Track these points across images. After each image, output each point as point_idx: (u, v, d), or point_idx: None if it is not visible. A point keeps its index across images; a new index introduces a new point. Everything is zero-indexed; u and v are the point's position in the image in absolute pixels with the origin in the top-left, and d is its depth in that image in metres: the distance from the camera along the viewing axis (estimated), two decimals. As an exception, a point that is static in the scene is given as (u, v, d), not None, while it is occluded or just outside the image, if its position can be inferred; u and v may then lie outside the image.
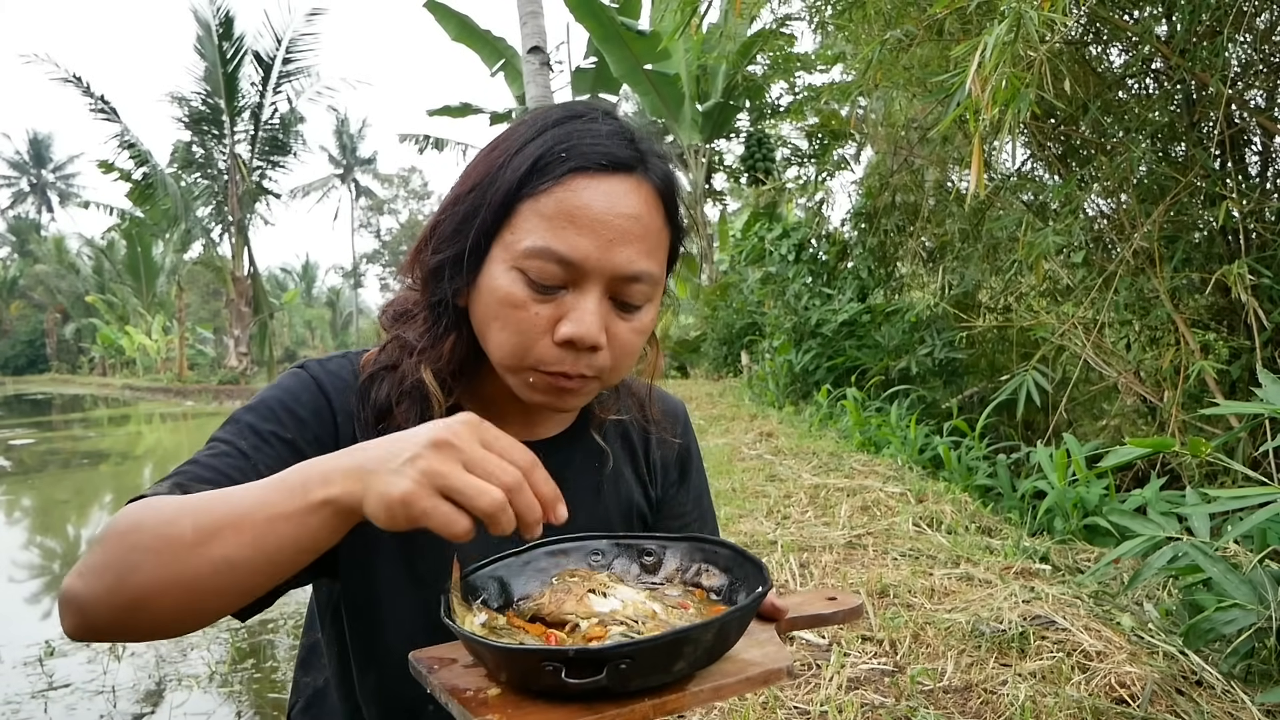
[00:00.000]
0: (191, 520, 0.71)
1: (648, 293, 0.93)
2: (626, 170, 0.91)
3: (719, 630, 0.71)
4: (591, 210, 0.88)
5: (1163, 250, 4.36)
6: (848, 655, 2.41)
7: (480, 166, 0.95)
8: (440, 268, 0.95)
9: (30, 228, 58.05)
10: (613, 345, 0.92)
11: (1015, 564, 3.05)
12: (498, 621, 0.79)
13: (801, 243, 9.21)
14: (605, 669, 0.64)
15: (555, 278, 0.88)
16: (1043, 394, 4.66)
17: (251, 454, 0.89)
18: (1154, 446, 2.55)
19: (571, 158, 0.89)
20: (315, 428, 0.96)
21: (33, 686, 3.84)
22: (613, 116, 0.96)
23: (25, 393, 35.56)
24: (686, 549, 0.93)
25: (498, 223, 0.91)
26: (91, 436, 16.34)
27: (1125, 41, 4.82)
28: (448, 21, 14.62)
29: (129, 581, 0.70)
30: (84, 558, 0.74)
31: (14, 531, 7.80)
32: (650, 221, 0.92)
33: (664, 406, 1.22)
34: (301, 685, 1.17)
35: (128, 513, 0.75)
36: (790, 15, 8.51)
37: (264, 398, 0.97)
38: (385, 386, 0.98)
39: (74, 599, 0.72)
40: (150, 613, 0.71)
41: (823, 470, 4.98)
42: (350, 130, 54.71)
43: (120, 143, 22.59)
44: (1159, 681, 2.13)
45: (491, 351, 0.94)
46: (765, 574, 0.81)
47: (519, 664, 0.68)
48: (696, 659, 0.70)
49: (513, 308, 0.89)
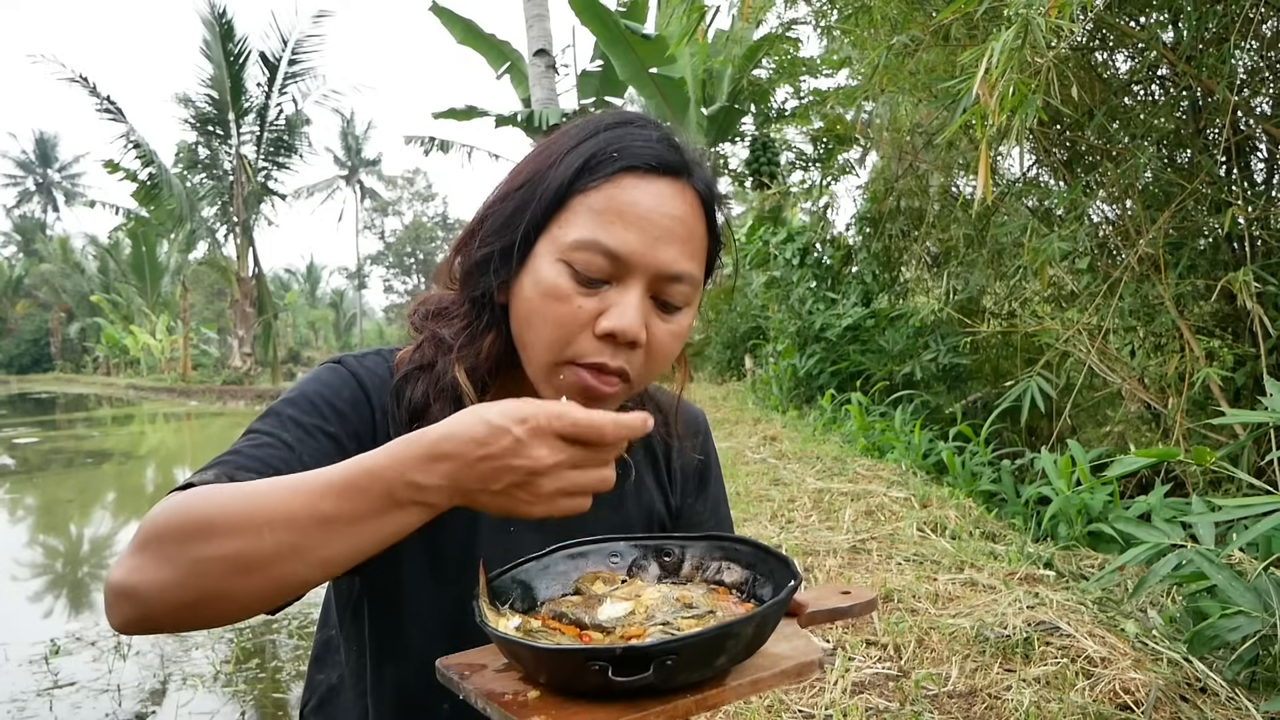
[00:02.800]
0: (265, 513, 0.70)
1: (688, 295, 0.95)
2: (674, 174, 0.93)
3: (759, 624, 0.71)
4: (640, 207, 0.90)
5: (1168, 257, 4.36)
6: (852, 659, 2.41)
7: (531, 165, 0.96)
8: (486, 261, 0.96)
9: (36, 227, 58.17)
10: (650, 345, 0.93)
11: (1019, 570, 3.06)
12: (532, 624, 0.79)
13: (806, 247, 9.21)
14: (651, 665, 0.64)
15: (601, 271, 0.89)
16: (1047, 400, 4.66)
17: (296, 446, 0.90)
18: (1159, 456, 2.55)
19: (623, 157, 0.91)
20: (355, 422, 0.97)
21: (38, 685, 3.85)
22: (660, 126, 0.98)
23: (29, 392, 35.62)
24: (705, 547, 0.94)
25: (547, 217, 0.92)
26: (95, 436, 16.37)
27: (1131, 48, 4.83)
28: (453, 25, 14.62)
29: (198, 577, 0.70)
30: (139, 550, 0.71)
31: (18, 530, 7.82)
32: (694, 225, 0.94)
33: (686, 417, 1.23)
34: (315, 682, 1.18)
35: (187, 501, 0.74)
36: (796, 20, 8.46)
37: (303, 390, 0.97)
38: (420, 386, 0.98)
39: (131, 593, 0.70)
40: (217, 608, 0.71)
41: (826, 475, 4.98)
42: (355, 132, 54.82)
43: (126, 143, 22.64)
44: (1163, 688, 2.14)
45: (530, 345, 0.94)
46: (793, 567, 0.81)
47: (564, 664, 0.68)
48: (737, 653, 0.71)
49: (556, 300, 0.90)
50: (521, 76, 14.59)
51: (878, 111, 8.04)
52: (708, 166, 1.01)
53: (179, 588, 0.69)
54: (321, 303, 61.88)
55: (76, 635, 4.51)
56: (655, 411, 1.20)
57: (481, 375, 0.98)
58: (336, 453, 0.93)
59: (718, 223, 1.01)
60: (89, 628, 4.64)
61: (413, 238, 59.19)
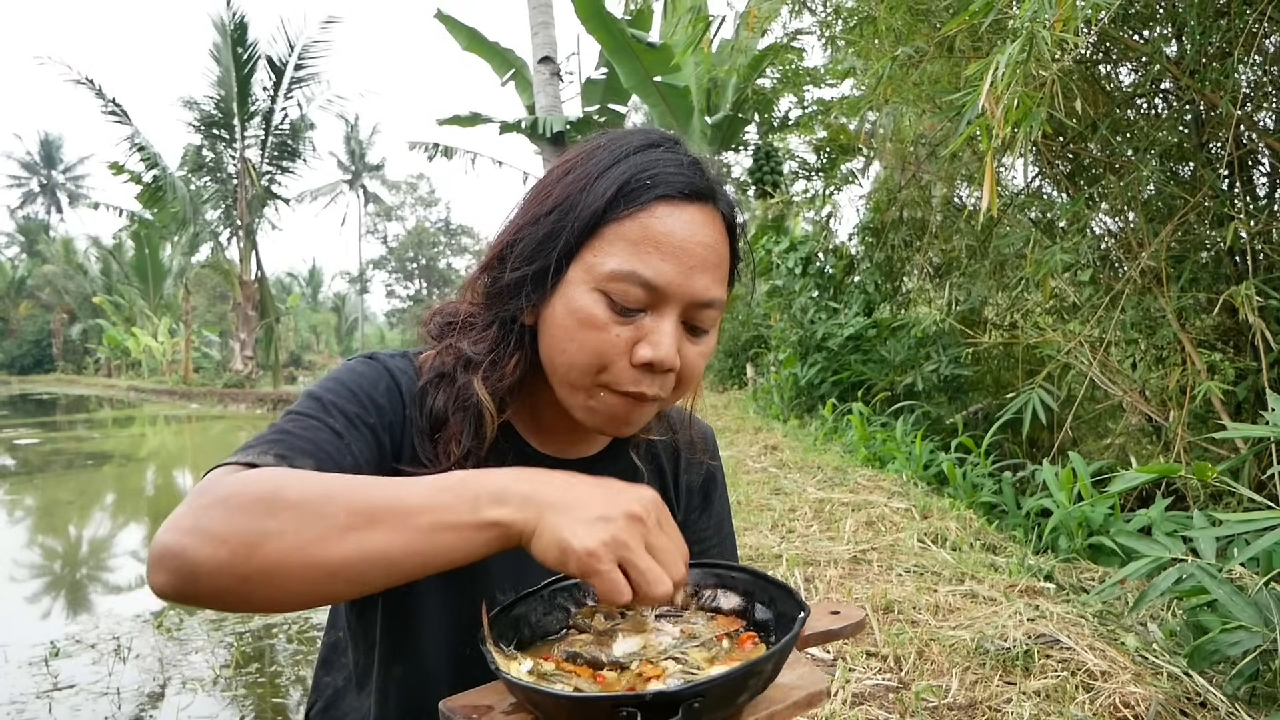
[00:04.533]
0: (346, 502, 0.70)
1: (715, 318, 0.97)
2: (703, 200, 0.95)
3: (777, 660, 0.72)
4: (675, 237, 0.91)
5: (1170, 270, 4.37)
6: (852, 671, 2.41)
7: (560, 189, 0.96)
8: (518, 284, 0.97)
9: (39, 228, 58.20)
10: (681, 369, 0.95)
11: (1020, 582, 3.06)
12: (544, 667, 0.79)
13: (808, 256, 9.22)
14: (680, 709, 0.65)
15: (637, 301, 0.91)
16: (1048, 412, 4.66)
17: (345, 434, 0.90)
18: (1160, 472, 2.56)
19: (656, 185, 0.92)
20: (390, 415, 0.98)
21: (38, 687, 3.85)
22: (686, 148, 0.99)
23: (31, 392, 35.63)
24: (700, 574, 0.94)
25: (580, 244, 0.93)
26: (96, 438, 16.37)
27: (1135, 61, 4.84)
28: (458, 32, 14.66)
29: (261, 551, 0.68)
30: (195, 515, 0.70)
31: (18, 531, 7.82)
32: (722, 250, 0.96)
33: (696, 432, 1.24)
34: (322, 685, 1.18)
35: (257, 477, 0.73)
36: (801, 30, 8.50)
37: (342, 380, 0.98)
38: (441, 397, 0.99)
39: (180, 558, 0.68)
40: (272, 587, 0.69)
41: (827, 484, 4.98)
42: (359, 136, 54.92)
43: (131, 145, 22.70)
44: (1163, 703, 2.14)
45: (560, 370, 0.95)
46: (797, 597, 0.82)
47: (589, 712, 0.67)
48: (756, 689, 0.72)
49: (594, 329, 0.91)
50: (526, 84, 14.64)
51: (881, 122, 8.06)
52: (730, 187, 1.03)
53: (232, 559, 0.68)
54: (324, 307, 61.92)
55: (76, 638, 4.50)
56: (666, 427, 1.21)
57: (503, 394, 1.00)
58: (376, 445, 0.95)
59: (739, 241, 1.03)
60: (89, 630, 4.64)
61: (415, 243, 59.24)
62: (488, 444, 0.99)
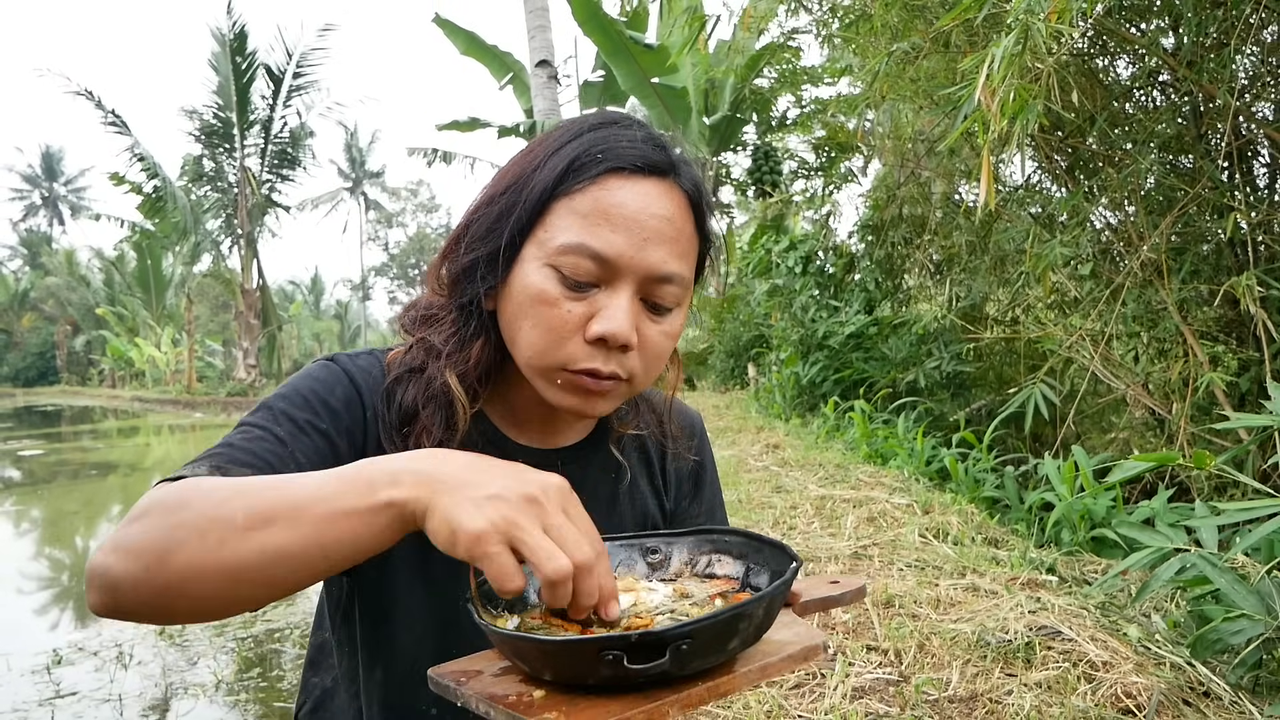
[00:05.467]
0: (244, 504, 0.69)
1: (678, 295, 0.94)
2: (660, 174, 0.92)
3: (768, 605, 0.70)
4: (626, 209, 0.89)
5: (1170, 262, 4.35)
6: (852, 664, 2.40)
7: (515, 168, 0.95)
8: (472, 267, 0.95)
9: (42, 241, 58.37)
10: (642, 347, 0.92)
11: (1022, 575, 3.04)
12: (531, 623, 0.78)
13: (808, 255, 9.21)
14: (667, 651, 0.63)
15: (589, 274, 0.88)
16: (1050, 406, 4.65)
17: (289, 441, 0.89)
18: (1159, 460, 2.55)
19: (608, 158, 0.90)
20: (348, 420, 0.96)
21: (40, 694, 3.84)
22: (646, 126, 0.97)
23: (35, 404, 35.68)
24: (694, 542, 0.92)
25: (532, 221, 0.91)
26: (100, 448, 16.38)
27: (1132, 54, 4.83)
28: (456, 36, 14.70)
29: (169, 563, 0.67)
30: (119, 532, 0.70)
31: (23, 541, 7.82)
32: (682, 225, 0.93)
33: (681, 419, 1.22)
34: (310, 685, 1.17)
35: (171, 490, 0.72)
36: (798, 29, 8.49)
37: (296, 387, 0.96)
38: (411, 390, 0.97)
39: (105, 576, 0.68)
40: (187, 598, 0.69)
41: (829, 481, 4.96)
42: (359, 144, 55.03)
43: (131, 155, 22.76)
44: (1165, 692, 2.12)
45: (520, 351, 0.93)
46: (789, 551, 0.80)
47: (575, 657, 0.66)
48: (748, 636, 0.70)
49: (545, 305, 0.89)
50: (524, 87, 14.66)
51: (879, 119, 8.06)
52: (695, 166, 1.00)
53: (146, 572, 0.68)
54: (326, 314, 62.00)
55: (79, 645, 4.50)
56: (649, 413, 1.19)
57: (472, 382, 0.97)
58: (329, 449, 0.93)
59: (707, 222, 1.00)
60: (91, 638, 4.63)
61: (417, 249, 59.33)
62: (460, 435, 0.97)
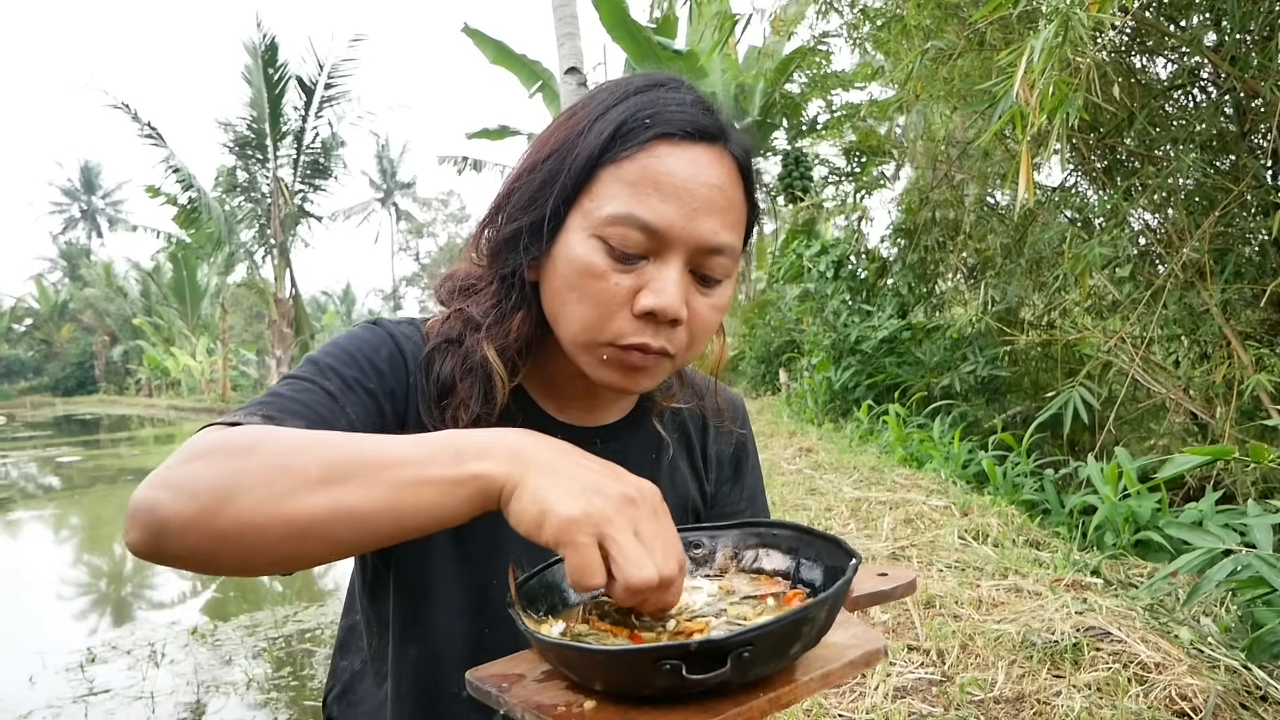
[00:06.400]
0: (319, 456, 0.66)
1: (728, 267, 0.90)
2: (710, 140, 0.88)
3: (830, 606, 0.66)
4: (676, 177, 0.85)
5: (1212, 264, 4.25)
6: (893, 664, 2.35)
7: (559, 133, 0.91)
8: (514, 237, 0.91)
9: (80, 253, 59.31)
10: (691, 321, 0.88)
11: (1066, 576, 2.97)
12: (578, 628, 0.74)
13: (840, 259, 9.14)
14: (728, 660, 0.59)
15: (637, 246, 0.84)
16: (1089, 410, 4.56)
17: (339, 396, 0.86)
18: (1213, 454, 2.48)
19: (656, 124, 0.86)
20: (392, 382, 0.93)
21: (74, 692, 3.87)
22: (694, 89, 0.93)
23: (74, 413, 36.25)
24: (739, 535, 0.87)
25: (577, 189, 0.87)
26: (137, 455, 16.60)
27: (1172, 50, 4.74)
28: (485, 45, 14.78)
29: (229, 508, 0.64)
30: (173, 469, 0.67)
31: (62, 546, 7.92)
32: (733, 194, 0.89)
33: (723, 401, 1.18)
34: (339, 669, 1.15)
35: (235, 433, 0.69)
36: (828, 33, 8.46)
37: (342, 345, 0.94)
38: (449, 363, 0.94)
39: (153, 513, 0.65)
40: (241, 547, 0.65)
41: (864, 484, 4.90)
42: (390, 155, 55.52)
43: (167, 167, 23.06)
44: (1221, 694, 2.05)
45: (565, 327, 0.89)
46: (845, 545, 0.75)
47: (630, 667, 0.61)
48: (810, 639, 0.66)
49: (592, 278, 0.85)
50: (553, 95, 14.70)
51: (912, 122, 7.99)
52: (744, 131, 0.96)
53: (200, 514, 0.64)
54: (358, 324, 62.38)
55: (112, 644, 4.53)
56: (691, 395, 1.15)
57: (511, 355, 0.94)
58: (375, 409, 0.91)
59: (754, 189, 0.96)
60: (124, 637, 4.66)
61: (447, 259, 59.66)
62: (499, 409, 0.93)
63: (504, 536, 0.95)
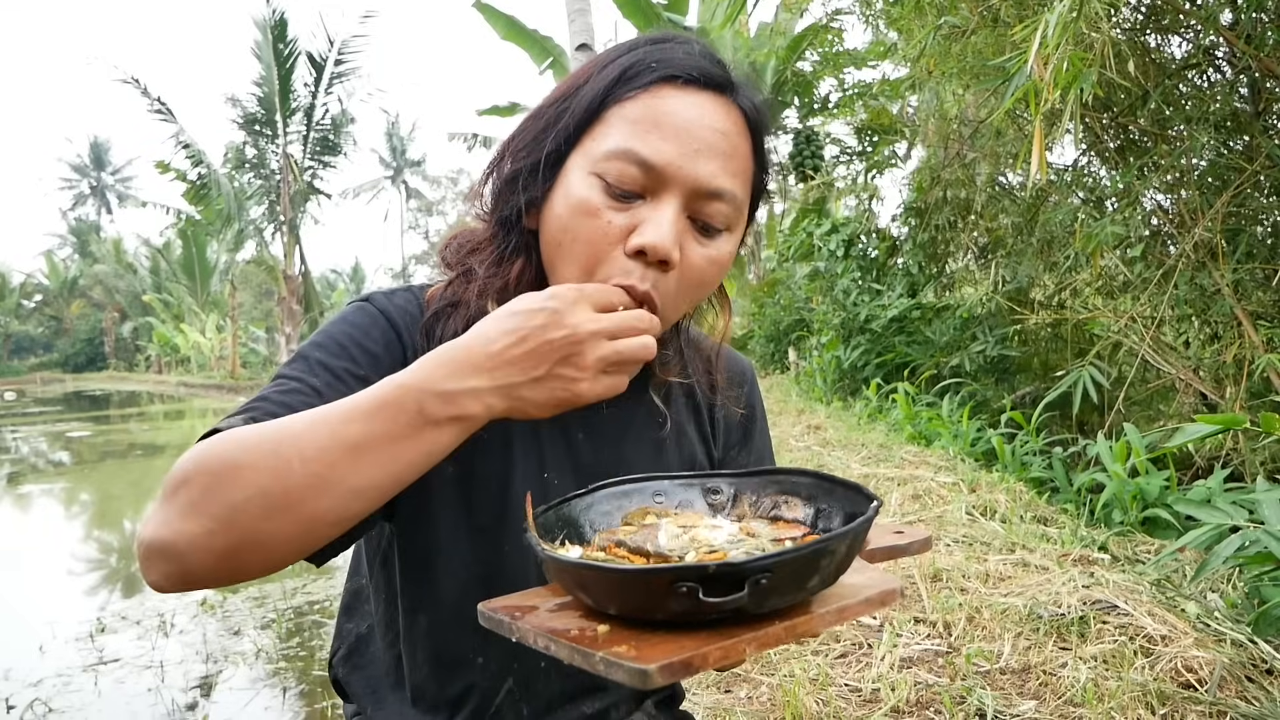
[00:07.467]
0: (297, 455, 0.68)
1: (729, 216, 0.88)
2: (717, 89, 0.88)
3: (851, 542, 0.66)
4: (678, 117, 0.84)
5: (1225, 244, 4.23)
6: (900, 636, 2.36)
7: (566, 83, 0.92)
8: (514, 178, 0.91)
9: (90, 229, 59.46)
10: (684, 270, 0.86)
11: (1073, 551, 2.97)
12: (595, 555, 0.73)
13: (850, 239, 9.10)
14: (745, 585, 0.58)
15: (634, 182, 0.84)
16: (1099, 390, 4.55)
17: (325, 391, 0.85)
18: (1224, 423, 2.47)
19: (662, 67, 0.86)
20: (388, 361, 0.91)
21: (84, 661, 3.91)
22: (705, 45, 0.93)
23: (84, 389, 36.48)
24: (759, 483, 0.86)
25: (580, 130, 0.87)
26: (146, 430, 16.70)
27: (1187, 29, 4.70)
28: (496, 21, 14.70)
29: (239, 523, 0.66)
30: (166, 503, 0.68)
31: (72, 519, 7.99)
32: (737, 143, 0.88)
33: (731, 366, 1.17)
34: (344, 631, 1.15)
35: (213, 450, 0.70)
36: (840, 10, 8.39)
37: (331, 333, 0.92)
38: (452, 323, 0.92)
39: (167, 548, 0.67)
40: (263, 552, 0.68)
41: (872, 461, 4.91)
42: (400, 133, 55.42)
43: (176, 143, 23.04)
44: (1228, 667, 2.06)
45: (560, 269, 0.88)
46: (866, 491, 0.75)
47: (647, 588, 0.60)
48: (828, 574, 0.65)
49: (585, 215, 0.84)
50: (564, 71, 14.63)
51: (924, 101, 7.93)
52: (756, 89, 0.95)
53: (211, 535, 0.66)
54: (366, 302, 62.40)
55: (122, 615, 4.58)
56: (696, 359, 1.14)
57: None
58: None
59: (764, 148, 0.94)
60: (134, 608, 4.71)
61: (456, 238, 59.64)
62: None
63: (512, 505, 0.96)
